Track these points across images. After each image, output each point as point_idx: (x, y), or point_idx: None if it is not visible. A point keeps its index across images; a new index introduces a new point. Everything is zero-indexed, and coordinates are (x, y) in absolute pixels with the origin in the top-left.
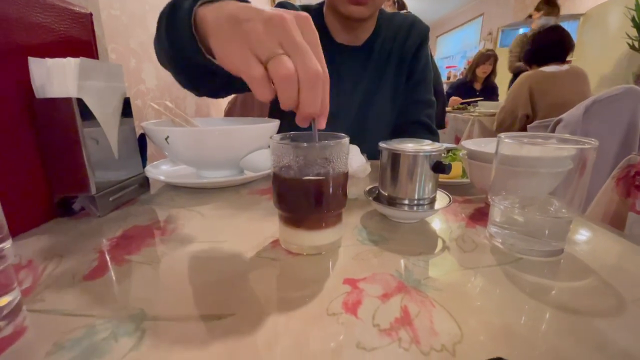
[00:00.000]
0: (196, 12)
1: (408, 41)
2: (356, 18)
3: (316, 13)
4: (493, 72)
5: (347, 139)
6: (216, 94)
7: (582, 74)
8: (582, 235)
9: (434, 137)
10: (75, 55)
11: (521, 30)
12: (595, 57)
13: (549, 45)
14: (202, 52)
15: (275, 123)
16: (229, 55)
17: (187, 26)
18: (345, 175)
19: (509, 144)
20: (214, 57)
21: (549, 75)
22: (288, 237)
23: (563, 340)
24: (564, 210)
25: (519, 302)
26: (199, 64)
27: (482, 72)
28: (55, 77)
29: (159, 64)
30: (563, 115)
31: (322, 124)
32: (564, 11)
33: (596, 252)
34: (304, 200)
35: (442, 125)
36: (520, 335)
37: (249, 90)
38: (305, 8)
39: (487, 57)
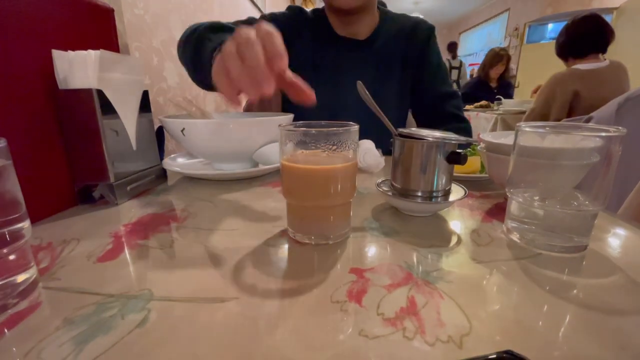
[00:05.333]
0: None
1: (411, 43)
2: (345, 9)
3: (322, 11)
4: (506, 71)
5: (356, 127)
6: None
7: (622, 69)
8: (609, 232)
9: (465, 125)
10: (97, 49)
11: (550, 26)
12: (631, 52)
13: (587, 35)
14: None
15: (289, 117)
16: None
17: (209, 67)
18: (354, 165)
19: (529, 134)
20: None
21: (590, 74)
22: (296, 227)
23: (583, 337)
24: (587, 203)
25: (535, 298)
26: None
27: (495, 72)
28: (76, 68)
29: (179, 62)
30: (593, 113)
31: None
32: (595, 5)
33: (624, 249)
34: (311, 189)
35: None
36: (535, 331)
37: None
38: (314, 10)
39: (501, 58)
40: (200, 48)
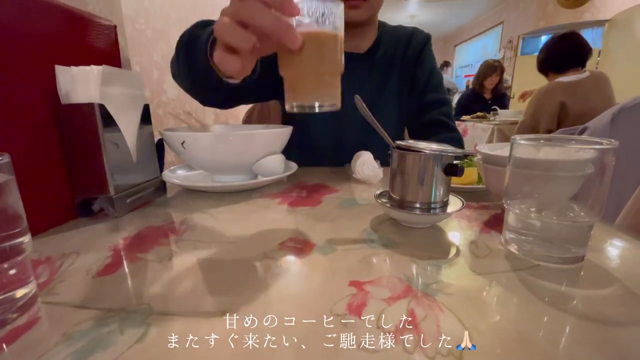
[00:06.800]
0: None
1: (409, 51)
2: (354, 22)
3: None
4: (500, 82)
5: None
6: (221, 105)
7: (604, 78)
8: (606, 242)
9: (454, 135)
10: (100, 64)
11: (543, 38)
12: (622, 63)
13: (566, 52)
14: (217, 74)
15: (288, 129)
16: None
17: (204, 58)
18: (334, 37)
19: (524, 147)
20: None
21: (573, 85)
22: (290, 96)
23: (583, 349)
24: (582, 214)
25: (535, 310)
26: (211, 83)
27: (490, 83)
28: (79, 83)
29: None
30: (588, 123)
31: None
32: (587, 17)
33: (621, 260)
34: (298, 54)
35: None
36: (535, 344)
37: (251, 101)
38: None
39: (494, 69)
40: (194, 43)
